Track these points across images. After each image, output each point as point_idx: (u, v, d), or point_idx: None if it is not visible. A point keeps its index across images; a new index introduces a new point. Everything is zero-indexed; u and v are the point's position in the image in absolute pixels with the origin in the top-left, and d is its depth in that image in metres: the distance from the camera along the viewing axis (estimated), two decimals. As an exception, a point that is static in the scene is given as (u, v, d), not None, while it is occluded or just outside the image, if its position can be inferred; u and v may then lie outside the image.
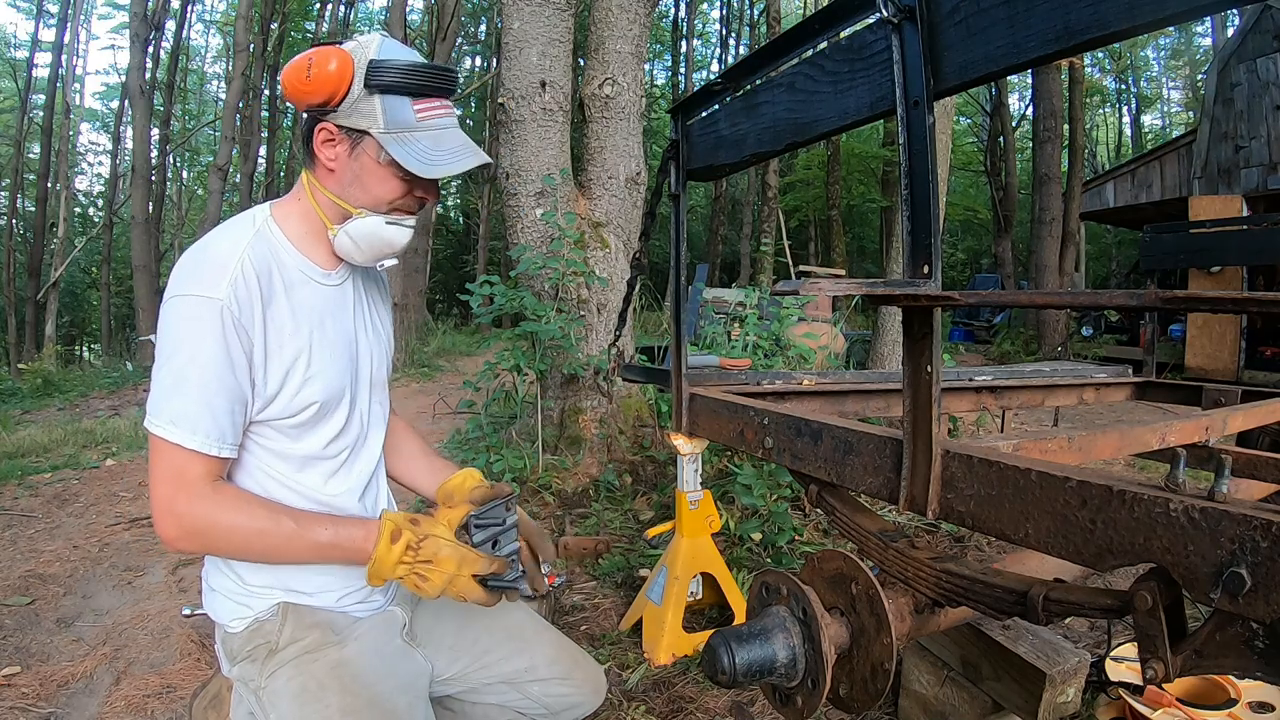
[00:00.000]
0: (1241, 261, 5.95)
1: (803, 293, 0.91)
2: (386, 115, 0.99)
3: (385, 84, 0.98)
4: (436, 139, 1.02)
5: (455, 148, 1.03)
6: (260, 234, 1.03)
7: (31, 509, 3.57)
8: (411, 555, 0.98)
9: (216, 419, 0.94)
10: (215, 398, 0.93)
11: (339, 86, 0.97)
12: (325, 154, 1.02)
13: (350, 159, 1.02)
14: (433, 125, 1.02)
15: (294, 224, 1.07)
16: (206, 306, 0.93)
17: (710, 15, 26.76)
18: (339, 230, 1.05)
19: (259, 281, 0.98)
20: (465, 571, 0.99)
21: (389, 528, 0.98)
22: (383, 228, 1.05)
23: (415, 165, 0.99)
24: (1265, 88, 8.37)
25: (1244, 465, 1.71)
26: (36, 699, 1.90)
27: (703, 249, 21.44)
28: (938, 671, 1.60)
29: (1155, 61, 25.98)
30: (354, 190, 1.03)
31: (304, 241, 1.08)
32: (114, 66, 31.90)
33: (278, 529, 0.96)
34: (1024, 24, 0.85)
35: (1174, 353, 8.61)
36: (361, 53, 0.98)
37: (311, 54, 0.98)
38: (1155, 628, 0.69)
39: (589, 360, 3.44)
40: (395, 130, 0.99)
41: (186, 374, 0.92)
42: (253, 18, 14.05)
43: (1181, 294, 0.70)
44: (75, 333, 22.86)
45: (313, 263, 1.08)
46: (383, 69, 0.98)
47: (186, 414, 0.92)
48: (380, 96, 0.98)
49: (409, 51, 1.02)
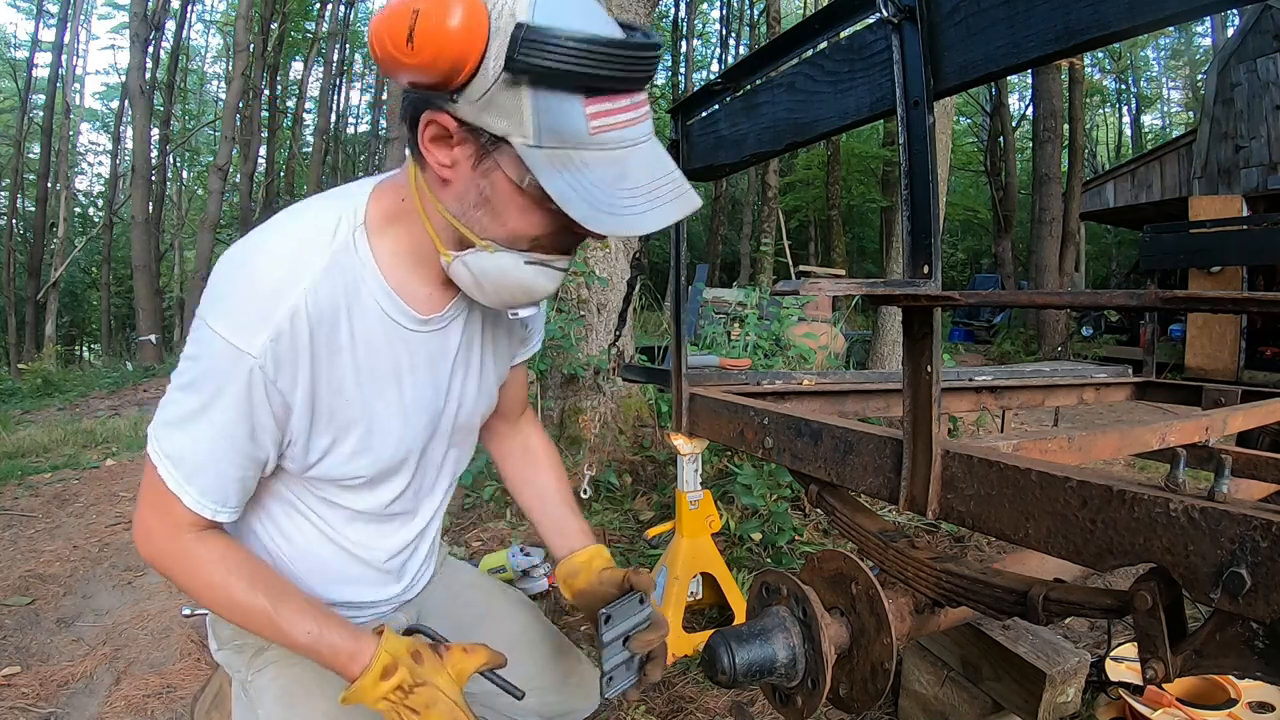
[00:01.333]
0: (1241, 261, 5.95)
1: (803, 293, 0.91)
2: (540, 119, 0.63)
3: (541, 68, 0.61)
4: (621, 166, 0.67)
5: (651, 184, 0.68)
6: (338, 259, 0.76)
7: (31, 509, 3.57)
8: (399, 696, 0.80)
9: (220, 482, 0.78)
10: (223, 463, 0.78)
11: (463, 60, 0.61)
12: (437, 156, 0.70)
13: (474, 171, 0.69)
14: (616, 141, 0.66)
15: (391, 242, 0.79)
16: (236, 362, 0.73)
17: (710, 15, 26.79)
18: (455, 258, 0.75)
19: (311, 336, 0.75)
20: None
21: (384, 660, 0.79)
22: (518, 269, 0.74)
23: (581, 211, 0.64)
24: (1265, 88, 8.37)
25: (1244, 465, 1.71)
26: (36, 699, 1.90)
27: (703, 249, 21.44)
28: (938, 671, 1.60)
29: (1155, 61, 26.00)
30: (479, 216, 0.72)
31: (401, 269, 0.80)
32: (114, 66, 31.90)
33: (250, 604, 0.79)
34: (1024, 24, 0.85)
35: (1174, 353, 8.61)
36: (504, 3, 0.61)
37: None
38: (1155, 628, 0.69)
39: (589, 360, 3.44)
40: (553, 145, 0.64)
41: (198, 424, 0.76)
42: (253, 18, 14.05)
43: (1181, 294, 0.70)
44: (75, 333, 22.88)
45: (406, 304, 0.82)
46: (540, 43, 0.60)
47: (188, 461, 0.77)
48: (530, 89, 0.63)
49: (588, 6, 0.64)
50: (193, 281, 13.55)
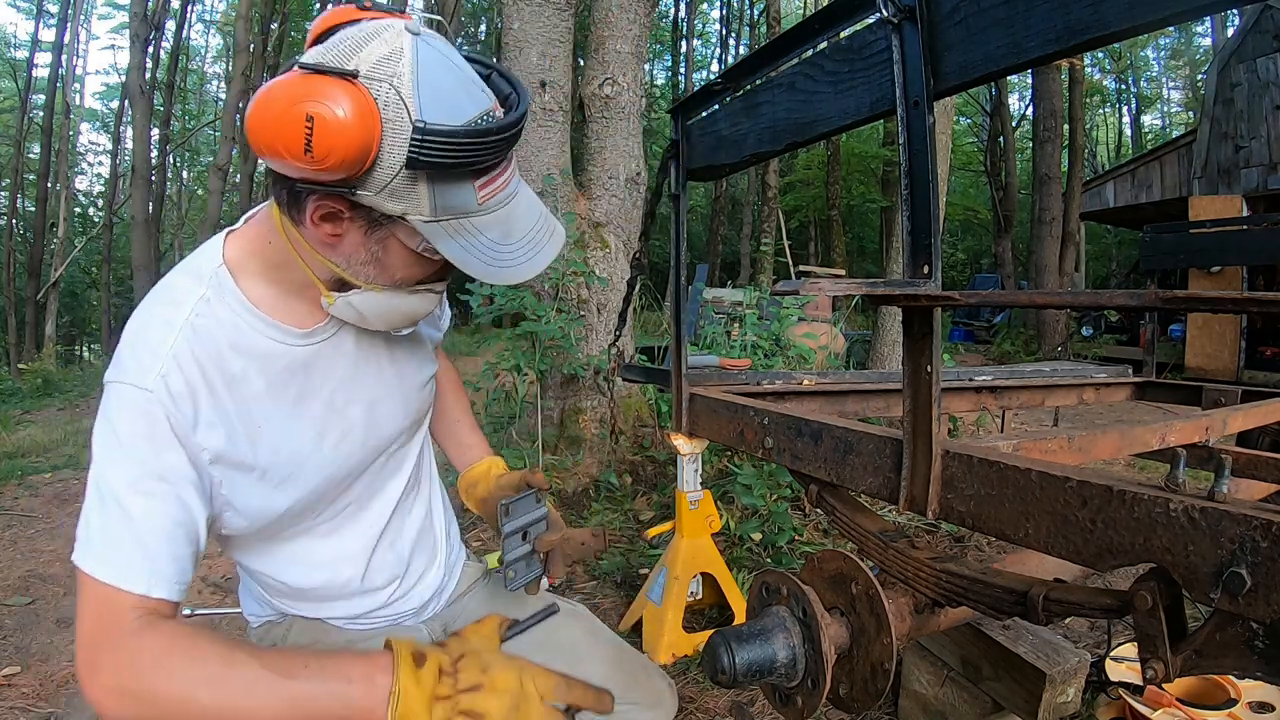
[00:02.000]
0: (1241, 261, 5.94)
1: (803, 293, 0.91)
2: (437, 200, 0.69)
3: (437, 164, 0.65)
4: (506, 223, 0.74)
5: (529, 233, 0.76)
6: (206, 297, 0.78)
7: (31, 509, 3.57)
8: (449, 688, 0.68)
9: (151, 559, 0.70)
10: (148, 529, 0.70)
11: (361, 159, 0.64)
12: (324, 228, 0.73)
13: (367, 237, 0.74)
14: (499, 202, 0.73)
15: (258, 273, 0.81)
16: (133, 399, 0.72)
17: (710, 15, 26.80)
18: (337, 299, 0.79)
19: (201, 371, 0.76)
20: (534, 698, 0.70)
21: (407, 652, 0.69)
22: (403, 300, 0.80)
23: (479, 269, 0.72)
24: (1265, 88, 8.37)
25: (1244, 465, 1.71)
26: (36, 699, 1.90)
27: (703, 249, 21.45)
28: (938, 671, 1.60)
29: (1155, 61, 25.99)
30: (367, 269, 0.76)
31: (271, 294, 0.81)
32: (114, 66, 31.94)
33: (232, 674, 0.66)
34: (1024, 24, 0.85)
35: (1174, 353, 8.61)
36: (392, 99, 0.64)
37: (306, 92, 0.62)
38: (1155, 628, 0.69)
39: (589, 360, 3.44)
40: (449, 217, 0.70)
41: (114, 497, 0.71)
42: (253, 18, 14.06)
43: (1181, 294, 0.70)
44: (75, 333, 22.89)
45: (282, 323, 0.82)
46: (436, 143, 0.64)
47: (113, 542, 0.70)
48: (428, 179, 0.68)
49: (461, 87, 0.69)
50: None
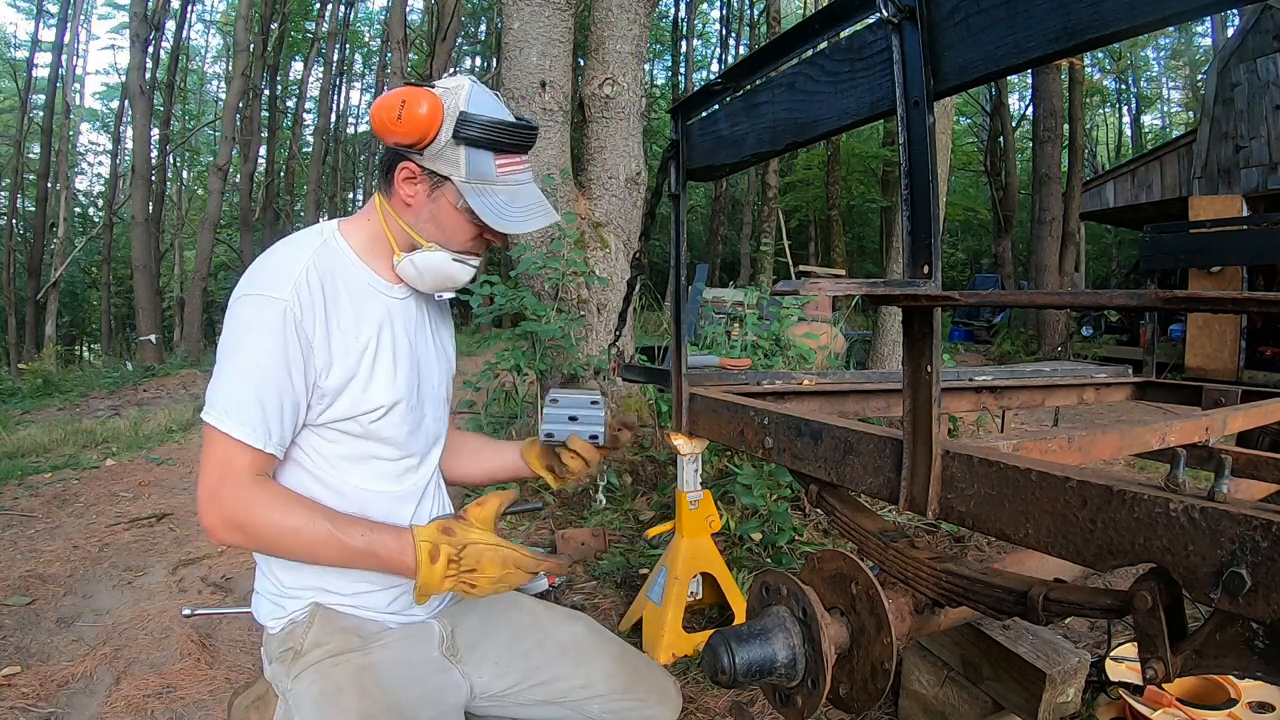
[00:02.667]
0: (1241, 261, 5.94)
1: (803, 293, 0.91)
2: (469, 166, 1.03)
3: (472, 137, 1.02)
4: (514, 194, 1.07)
5: (530, 205, 1.09)
6: (326, 244, 1.07)
7: (31, 509, 3.57)
8: (455, 569, 0.99)
9: (266, 415, 0.96)
10: (268, 396, 0.96)
11: (428, 131, 1.00)
12: (405, 190, 1.06)
13: (429, 199, 1.06)
14: (511, 180, 1.06)
15: (360, 240, 1.11)
16: (270, 306, 0.97)
17: (710, 15, 26.78)
18: (405, 258, 1.09)
19: (323, 286, 1.02)
20: (513, 571, 1.01)
21: (425, 549, 0.98)
22: (449, 263, 1.09)
23: (491, 218, 1.04)
24: (1265, 88, 8.37)
25: (1244, 465, 1.71)
26: (36, 699, 1.90)
27: (703, 249, 21.44)
28: (938, 671, 1.60)
29: (1155, 61, 25.99)
30: (428, 226, 1.08)
31: (369, 255, 1.11)
32: (114, 66, 31.93)
33: (312, 529, 0.96)
34: (1024, 24, 0.85)
35: (1174, 353, 8.61)
36: (452, 100, 1.02)
37: (404, 94, 1.00)
38: (1155, 628, 0.69)
39: (589, 360, 3.44)
40: (476, 181, 1.04)
41: (245, 369, 0.96)
42: (253, 18, 14.06)
43: (1181, 294, 0.70)
44: (75, 333, 22.89)
45: (378, 275, 1.11)
46: (471, 122, 1.01)
47: (239, 406, 0.95)
48: (465, 148, 1.02)
49: (496, 103, 1.07)
50: (192, 281, 13.54)
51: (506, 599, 1.26)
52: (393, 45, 13.17)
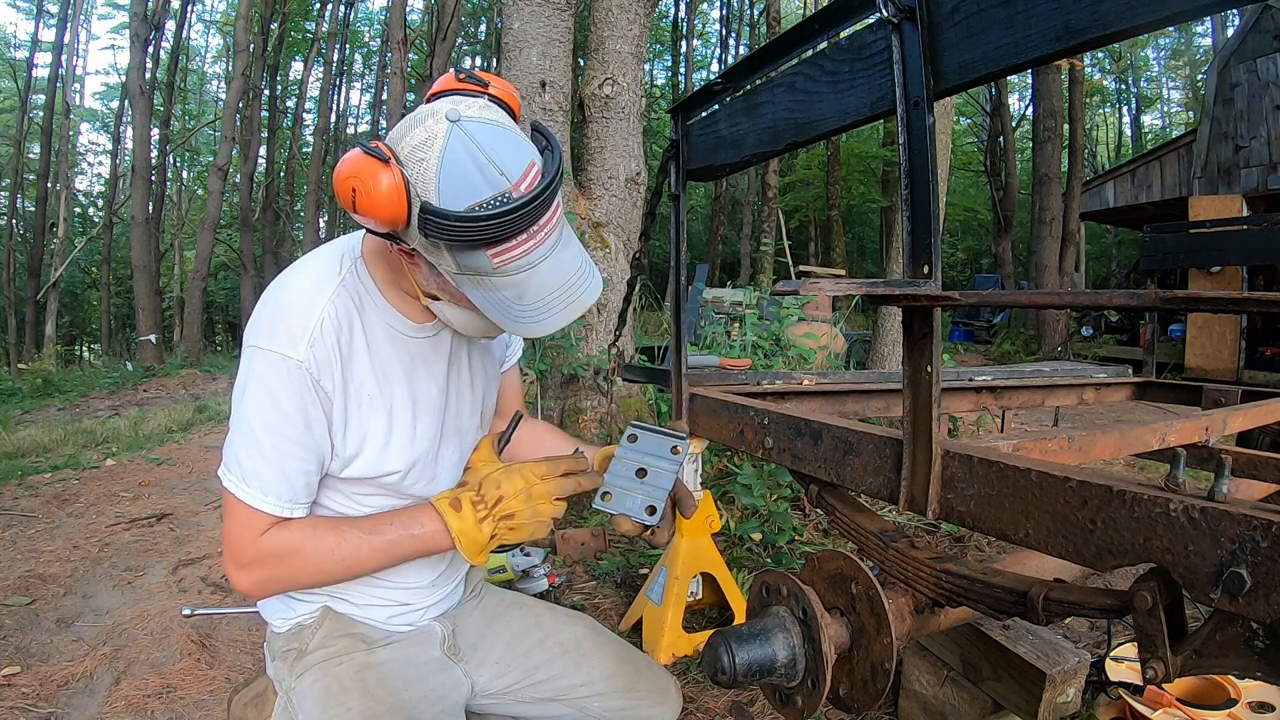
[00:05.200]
0: (1241, 261, 5.94)
1: (803, 293, 0.91)
2: (457, 262, 0.81)
3: (447, 239, 0.78)
4: (521, 287, 0.83)
5: (550, 295, 0.85)
6: (346, 282, 0.95)
7: (31, 509, 3.57)
8: (484, 509, 0.95)
9: (290, 481, 0.91)
10: (289, 460, 0.91)
11: (397, 215, 0.79)
12: (404, 258, 0.90)
13: (432, 273, 0.88)
14: (516, 269, 0.82)
15: (383, 271, 0.98)
16: (284, 366, 0.89)
17: (710, 15, 26.78)
18: (429, 304, 0.95)
19: (338, 340, 0.93)
20: (535, 481, 0.96)
21: (445, 502, 0.96)
22: (470, 317, 0.93)
23: (497, 316, 0.85)
24: (1265, 88, 8.37)
25: (1244, 465, 1.71)
26: (36, 699, 1.90)
27: (703, 249, 21.43)
28: (938, 671, 1.60)
29: (1155, 61, 25.99)
30: (436, 290, 0.93)
31: (393, 290, 0.99)
32: (114, 66, 31.92)
33: (344, 542, 0.93)
34: (1024, 24, 0.85)
35: (1174, 353, 8.61)
36: (418, 176, 0.78)
37: (351, 171, 0.78)
38: (1155, 628, 0.69)
39: (589, 360, 3.44)
40: (470, 274, 0.82)
41: (261, 435, 0.90)
42: (253, 18, 14.06)
43: (1181, 294, 0.70)
44: (75, 333, 22.88)
45: (402, 315, 1.00)
46: (438, 223, 0.77)
47: (259, 475, 0.90)
48: (445, 246, 0.80)
49: (480, 174, 0.78)
50: (192, 281, 13.54)
51: (507, 600, 1.26)
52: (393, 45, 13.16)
